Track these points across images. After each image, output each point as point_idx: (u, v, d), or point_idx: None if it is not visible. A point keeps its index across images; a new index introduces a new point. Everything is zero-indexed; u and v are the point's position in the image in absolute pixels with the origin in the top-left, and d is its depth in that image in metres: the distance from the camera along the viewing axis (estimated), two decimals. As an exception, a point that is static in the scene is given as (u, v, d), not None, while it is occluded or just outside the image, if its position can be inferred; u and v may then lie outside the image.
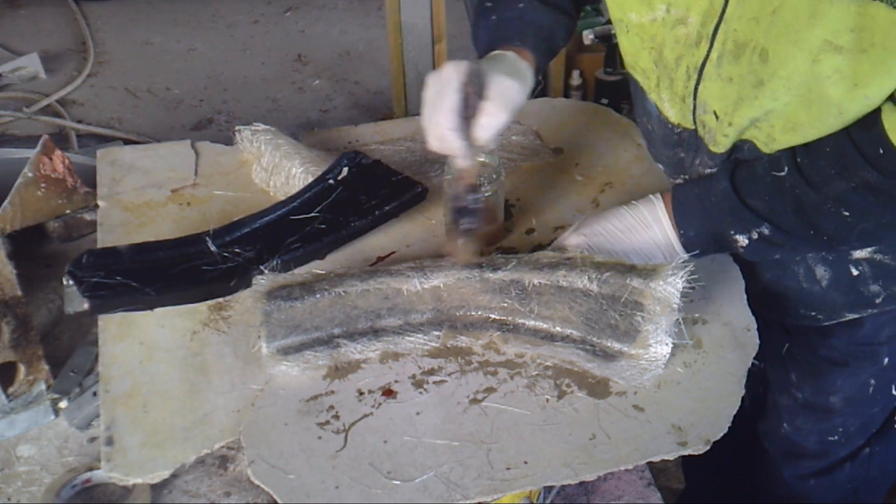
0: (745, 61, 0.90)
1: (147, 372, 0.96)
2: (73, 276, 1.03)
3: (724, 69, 0.93)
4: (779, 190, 0.93)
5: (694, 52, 0.96)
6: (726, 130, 0.97)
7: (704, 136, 1.01)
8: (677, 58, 0.98)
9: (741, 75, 0.91)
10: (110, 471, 0.86)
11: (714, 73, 0.95)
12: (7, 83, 3.23)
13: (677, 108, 1.03)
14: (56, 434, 1.00)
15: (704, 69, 0.96)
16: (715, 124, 0.98)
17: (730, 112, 0.95)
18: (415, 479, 0.85)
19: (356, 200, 1.16)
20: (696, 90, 0.98)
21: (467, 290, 1.02)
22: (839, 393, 1.19)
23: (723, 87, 0.94)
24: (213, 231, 1.11)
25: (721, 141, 0.99)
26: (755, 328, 1.02)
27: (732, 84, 0.93)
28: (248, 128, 1.29)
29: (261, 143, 1.26)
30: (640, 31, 1.01)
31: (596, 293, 0.97)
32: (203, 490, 0.93)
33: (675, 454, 0.88)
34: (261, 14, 3.97)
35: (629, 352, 0.96)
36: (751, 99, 0.91)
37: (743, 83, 0.91)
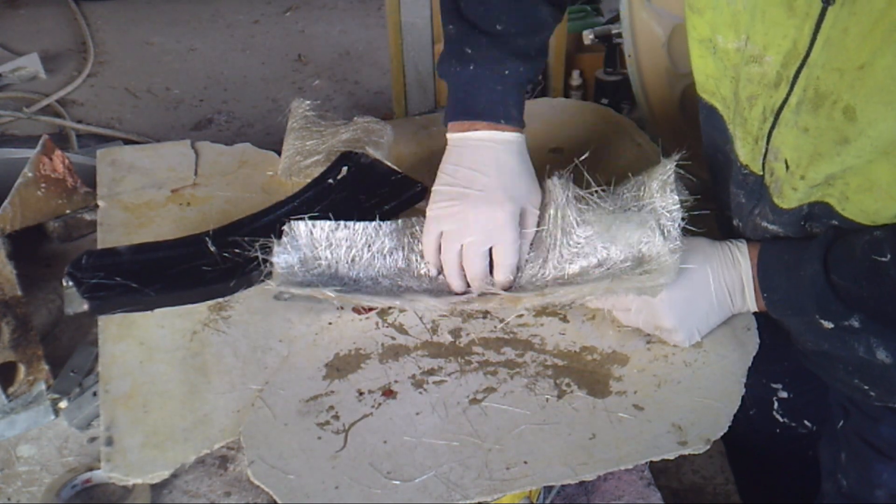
0: (824, 114, 0.84)
1: (147, 372, 0.96)
2: (73, 277, 1.03)
3: (802, 118, 0.87)
4: (879, 276, 0.85)
5: (772, 94, 0.90)
6: (796, 184, 0.91)
7: (771, 186, 0.96)
8: (750, 97, 0.93)
9: (819, 128, 0.85)
10: (110, 471, 0.86)
11: (792, 120, 0.88)
12: (7, 83, 3.23)
13: (748, 148, 0.97)
14: (56, 434, 1.00)
15: (782, 114, 0.90)
16: (784, 175, 0.92)
17: (803, 165, 0.89)
18: (415, 479, 0.85)
19: (356, 200, 1.16)
20: (770, 134, 0.92)
21: None
22: (884, 488, 1.09)
23: (798, 136, 0.88)
24: (212, 232, 1.11)
25: (788, 194, 0.93)
26: (755, 327, 1.02)
27: (809, 136, 0.87)
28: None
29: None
30: (725, 58, 0.95)
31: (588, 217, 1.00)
32: (203, 490, 0.93)
33: (676, 454, 0.88)
34: (261, 14, 3.96)
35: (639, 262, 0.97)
36: (831, 156, 0.85)
37: (822, 137, 0.85)
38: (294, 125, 1.31)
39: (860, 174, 0.85)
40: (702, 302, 0.98)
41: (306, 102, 1.34)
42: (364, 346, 1.00)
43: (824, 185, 0.89)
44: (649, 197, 0.99)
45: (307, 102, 1.34)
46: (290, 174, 1.25)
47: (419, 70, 2.48)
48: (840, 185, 0.88)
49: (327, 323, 1.03)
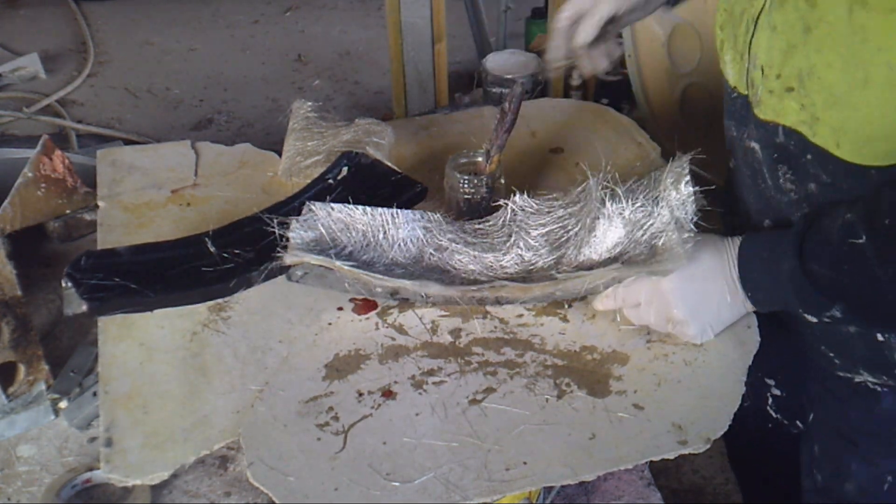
0: (790, 6, 0.88)
1: (147, 373, 0.96)
2: (72, 277, 1.02)
3: (772, 17, 0.91)
4: (858, 260, 0.85)
5: (753, 3, 0.96)
6: (772, 85, 0.93)
7: (752, 99, 0.98)
8: (742, 11, 0.98)
9: (787, 22, 0.89)
10: (110, 472, 0.86)
11: (765, 23, 0.93)
12: (7, 83, 3.23)
13: (737, 66, 1.01)
14: (56, 434, 1.00)
15: (759, 19, 0.94)
16: (761, 80, 0.95)
17: (776, 65, 0.92)
18: (414, 480, 0.85)
19: (355, 201, 1.16)
20: (750, 44, 0.97)
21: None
22: (854, 480, 1.10)
23: (770, 35, 0.92)
24: (212, 232, 1.11)
25: (766, 100, 0.95)
26: (755, 325, 1.02)
27: (777, 33, 0.91)
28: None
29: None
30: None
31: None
32: (203, 490, 0.93)
33: (676, 453, 0.88)
34: (261, 14, 3.96)
35: (653, 251, 0.99)
36: (798, 47, 0.88)
37: (789, 31, 0.89)
38: (295, 126, 1.31)
39: (823, 86, 0.87)
40: (713, 295, 0.98)
41: (308, 103, 1.34)
42: (364, 346, 1.00)
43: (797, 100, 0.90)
44: (664, 190, 1.01)
45: (308, 103, 1.34)
46: (291, 174, 1.25)
47: (419, 70, 2.47)
48: (809, 104, 0.89)
49: (327, 324, 1.03)
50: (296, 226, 1.00)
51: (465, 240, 1.06)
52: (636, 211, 1.00)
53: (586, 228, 1.02)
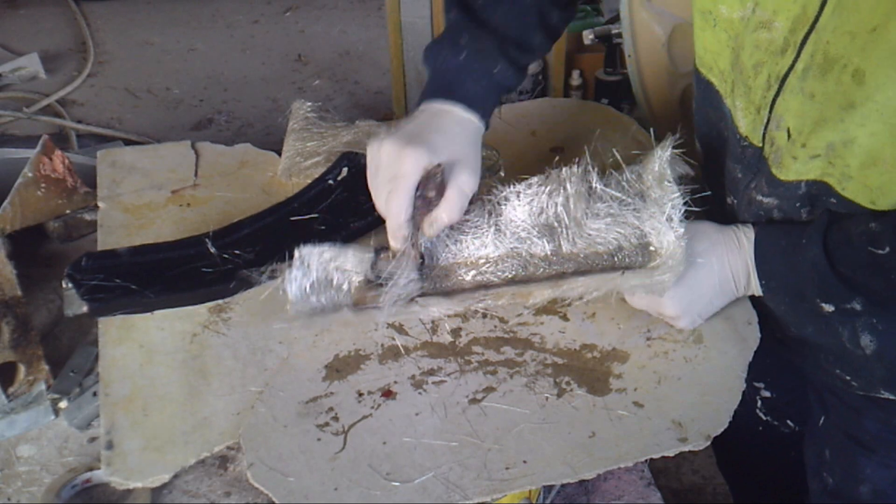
0: (832, 79, 0.83)
1: (147, 375, 0.96)
2: (72, 278, 1.03)
3: (808, 84, 0.86)
4: (877, 268, 0.85)
5: (778, 61, 0.89)
6: (797, 153, 0.90)
7: (770, 157, 0.95)
8: (756, 64, 0.92)
9: (826, 94, 0.85)
10: (111, 475, 0.86)
11: (797, 87, 0.88)
12: (7, 83, 3.23)
13: (750, 119, 0.96)
14: (56, 434, 1.00)
15: (787, 81, 0.89)
16: (785, 143, 0.91)
17: (806, 132, 0.88)
18: (414, 480, 0.85)
19: (356, 201, 1.16)
20: (773, 102, 0.92)
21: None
22: (868, 483, 1.09)
23: (803, 102, 0.87)
24: (212, 233, 1.11)
25: (787, 164, 0.92)
26: (756, 322, 1.02)
27: (814, 102, 0.86)
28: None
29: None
30: (728, 28, 0.95)
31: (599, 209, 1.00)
32: (203, 490, 0.93)
33: (676, 450, 0.88)
34: (261, 14, 3.97)
35: (648, 253, 0.98)
36: (835, 122, 0.85)
37: (828, 103, 0.85)
38: (294, 126, 1.31)
39: (863, 149, 0.84)
40: (706, 289, 0.98)
41: (307, 104, 1.34)
42: (363, 346, 1.00)
43: (825, 160, 0.88)
44: (649, 188, 0.99)
45: (308, 104, 1.34)
46: (291, 175, 1.25)
47: (419, 70, 2.48)
48: (840, 164, 0.87)
49: (327, 324, 1.03)
50: (290, 278, 0.97)
51: (455, 238, 1.04)
52: (624, 209, 0.99)
53: (576, 222, 1.00)
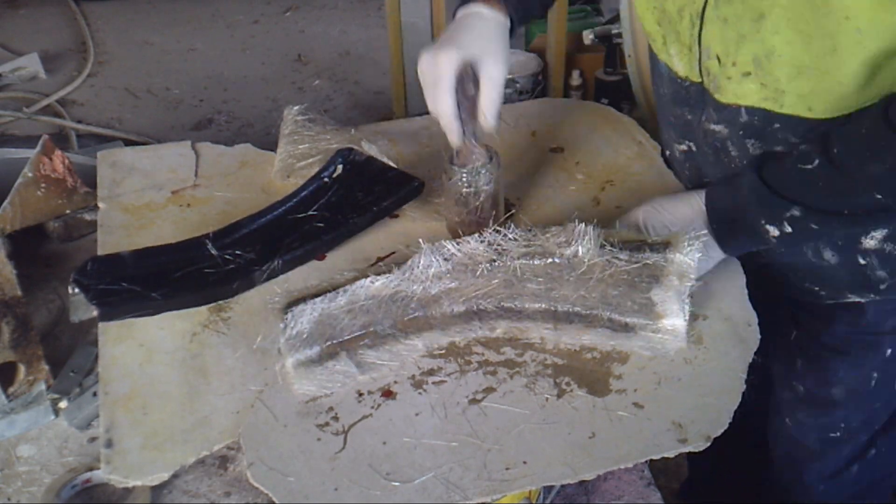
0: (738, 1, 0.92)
1: (147, 374, 0.96)
2: (79, 283, 1.02)
3: (721, 10, 0.95)
4: (809, 180, 0.93)
5: (694, 0, 0.98)
6: (730, 72, 0.97)
7: (709, 86, 1.02)
8: (679, 9, 1.00)
9: (736, 14, 0.93)
10: (110, 473, 0.86)
11: (713, 16, 0.96)
12: (7, 83, 3.23)
13: (685, 59, 1.04)
14: (56, 434, 1.00)
15: (705, 14, 0.98)
16: (718, 69, 0.99)
17: (732, 52, 0.96)
18: (414, 480, 0.85)
19: (353, 197, 1.16)
20: (700, 37, 1.00)
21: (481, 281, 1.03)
22: (841, 384, 1.18)
23: (721, 27, 0.95)
24: (212, 234, 1.11)
25: (725, 86, 0.99)
26: (756, 323, 1.02)
27: (729, 24, 0.94)
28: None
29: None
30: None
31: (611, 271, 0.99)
32: (203, 490, 0.93)
33: (676, 451, 0.88)
34: (261, 14, 3.97)
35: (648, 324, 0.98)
36: (752, 35, 0.92)
37: (741, 21, 0.93)
38: (285, 131, 1.31)
39: (786, 60, 0.91)
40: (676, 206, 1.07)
41: (295, 108, 1.33)
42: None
43: (756, 80, 0.95)
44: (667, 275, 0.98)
45: (296, 108, 1.33)
46: (287, 175, 1.25)
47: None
48: (771, 81, 0.94)
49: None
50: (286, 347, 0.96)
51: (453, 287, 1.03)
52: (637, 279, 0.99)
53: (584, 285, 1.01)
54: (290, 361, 0.94)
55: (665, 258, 0.97)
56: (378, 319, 1.00)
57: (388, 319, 1.01)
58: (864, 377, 1.18)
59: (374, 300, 1.00)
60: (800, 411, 1.25)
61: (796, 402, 1.24)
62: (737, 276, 1.07)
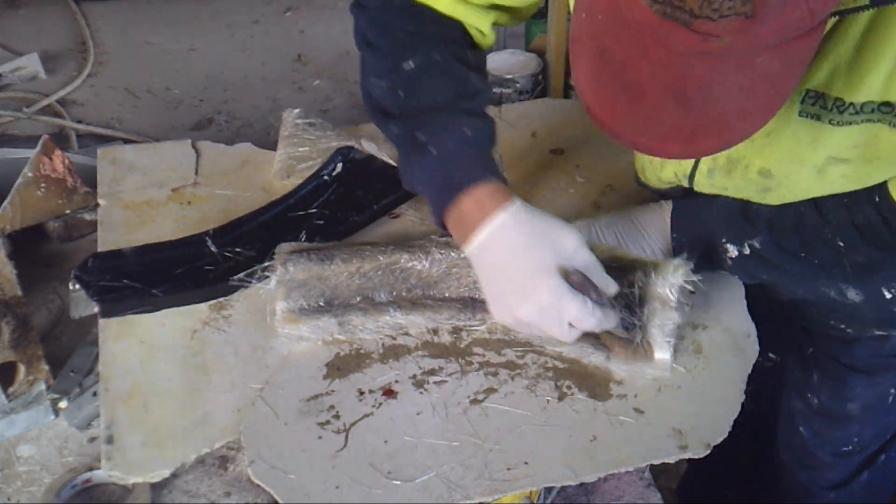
0: (739, 175, 0.94)
1: (147, 371, 0.96)
2: (80, 280, 1.02)
3: (717, 181, 0.97)
4: (784, 207, 0.94)
5: (680, 163, 0.99)
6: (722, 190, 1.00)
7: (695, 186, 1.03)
8: (662, 162, 1.02)
9: (737, 186, 0.95)
10: (110, 470, 0.86)
11: (706, 183, 0.99)
12: (7, 83, 3.23)
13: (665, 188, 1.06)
14: (56, 434, 1.00)
15: (695, 178, 1.00)
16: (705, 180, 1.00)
17: (729, 189, 0.98)
18: (415, 479, 0.85)
19: (353, 196, 1.17)
20: (690, 188, 1.02)
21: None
22: (858, 400, 1.15)
23: (719, 192, 0.98)
24: (212, 231, 1.11)
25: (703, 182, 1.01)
26: (755, 334, 1.02)
27: (729, 192, 0.97)
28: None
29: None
30: None
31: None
32: (203, 490, 0.92)
33: (676, 457, 0.88)
34: (261, 14, 3.96)
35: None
36: (758, 199, 0.96)
37: (742, 191, 0.96)
38: (284, 133, 1.31)
39: (792, 212, 0.94)
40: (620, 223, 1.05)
41: (295, 111, 1.32)
42: (365, 345, 1.00)
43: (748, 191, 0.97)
44: (650, 299, 0.95)
45: (295, 111, 1.32)
46: (287, 174, 1.25)
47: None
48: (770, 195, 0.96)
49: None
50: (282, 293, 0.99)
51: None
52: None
53: None
54: (280, 305, 0.98)
55: (648, 281, 0.94)
56: (375, 286, 1.01)
57: (386, 289, 1.02)
58: (881, 393, 1.14)
59: (375, 267, 1.02)
60: (814, 423, 1.21)
61: (810, 413, 1.20)
62: (736, 287, 1.07)
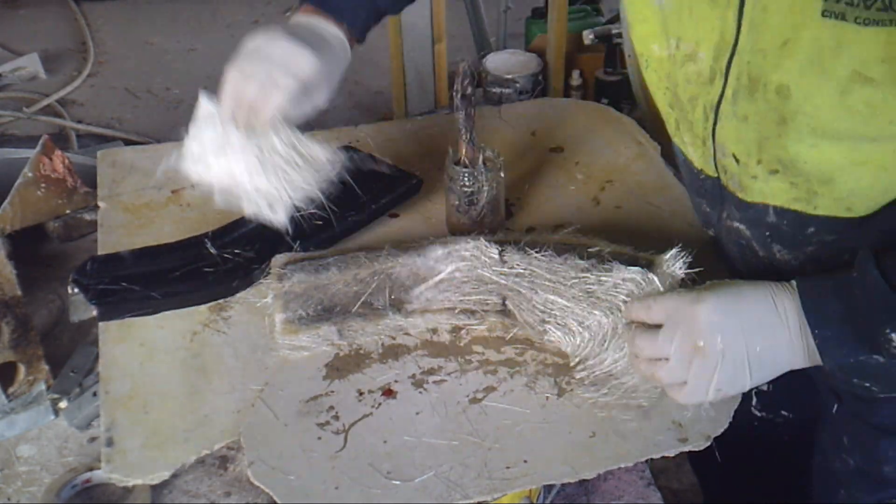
0: (760, 98, 0.83)
1: (147, 373, 0.96)
2: (79, 283, 1.02)
3: (740, 107, 0.85)
4: None
5: (709, 90, 0.88)
6: (755, 171, 0.89)
7: (728, 184, 0.94)
8: (691, 97, 0.91)
9: (758, 113, 0.84)
10: (111, 472, 0.86)
11: (730, 112, 0.87)
12: (7, 83, 3.23)
13: (699, 151, 0.95)
14: (56, 434, 1.00)
15: (721, 108, 0.88)
16: (736, 169, 0.90)
17: (753, 153, 0.87)
18: (414, 479, 0.85)
19: (352, 195, 1.16)
20: (714, 131, 0.90)
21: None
22: (891, 463, 1.05)
23: (739, 126, 0.87)
24: (211, 233, 1.11)
25: (749, 185, 0.91)
26: None
27: (749, 123, 0.85)
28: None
29: None
30: (658, 67, 0.94)
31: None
32: (203, 490, 0.93)
33: (676, 451, 0.88)
34: (261, 14, 3.96)
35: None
36: (774, 139, 0.84)
37: (762, 122, 0.84)
38: None
39: (814, 165, 0.83)
40: (754, 315, 0.85)
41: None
42: (364, 345, 1.00)
43: (785, 179, 0.86)
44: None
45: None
46: None
47: (419, 70, 2.48)
48: (802, 181, 0.85)
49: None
50: (280, 304, 1.00)
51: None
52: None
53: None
54: (279, 317, 0.99)
55: (646, 275, 0.94)
56: (373, 291, 1.02)
57: (384, 293, 1.02)
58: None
59: (371, 271, 1.02)
60: (853, 483, 1.11)
61: (849, 473, 1.11)
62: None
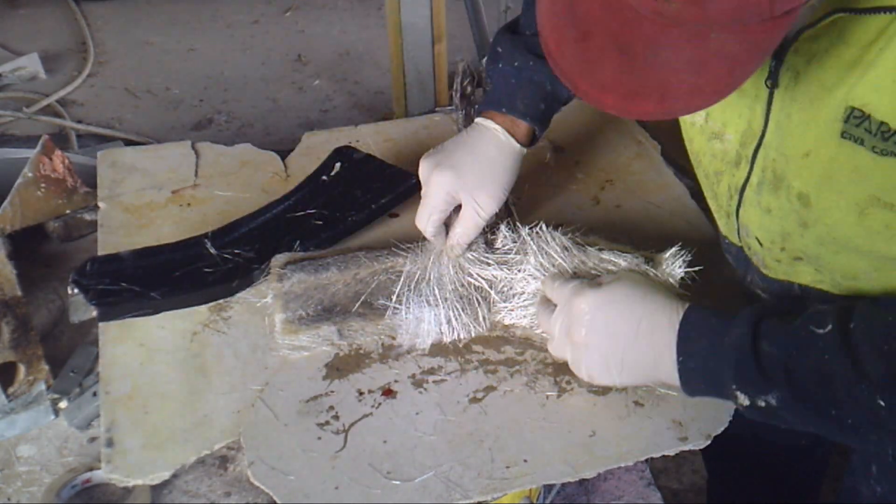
0: (783, 196, 0.82)
1: (147, 373, 0.96)
2: (79, 284, 1.02)
3: (763, 198, 0.84)
4: (808, 349, 0.76)
5: (734, 172, 0.88)
6: (778, 256, 0.89)
7: (752, 258, 0.94)
8: (716, 172, 0.92)
9: (781, 209, 0.83)
10: (111, 472, 0.86)
11: (754, 200, 0.86)
12: (7, 83, 3.23)
13: (723, 222, 0.97)
14: (56, 434, 1.00)
15: (745, 193, 0.88)
16: (760, 250, 0.91)
17: (777, 241, 0.87)
18: (415, 478, 0.85)
19: (351, 195, 1.17)
20: (738, 212, 0.91)
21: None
22: None
23: (762, 216, 0.86)
24: (211, 233, 1.11)
25: (773, 266, 0.91)
26: None
27: (773, 216, 0.84)
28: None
29: None
30: (688, 132, 0.96)
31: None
32: (203, 490, 0.93)
33: (676, 449, 0.88)
34: (261, 14, 3.96)
35: None
36: (797, 237, 0.84)
37: (785, 218, 0.83)
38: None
39: (838, 265, 0.83)
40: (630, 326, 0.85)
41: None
42: (364, 345, 1.00)
43: (810, 265, 0.86)
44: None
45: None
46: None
47: (419, 70, 2.48)
48: (827, 271, 0.85)
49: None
50: (280, 304, 1.01)
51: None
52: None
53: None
54: (279, 317, 1.00)
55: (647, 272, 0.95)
56: (373, 291, 1.03)
57: (384, 293, 1.03)
58: None
59: (371, 271, 1.04)
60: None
61: (875, 500, 1.08)
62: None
